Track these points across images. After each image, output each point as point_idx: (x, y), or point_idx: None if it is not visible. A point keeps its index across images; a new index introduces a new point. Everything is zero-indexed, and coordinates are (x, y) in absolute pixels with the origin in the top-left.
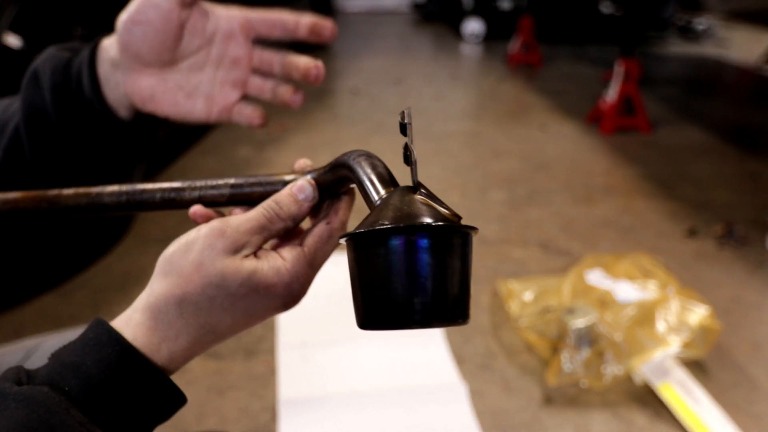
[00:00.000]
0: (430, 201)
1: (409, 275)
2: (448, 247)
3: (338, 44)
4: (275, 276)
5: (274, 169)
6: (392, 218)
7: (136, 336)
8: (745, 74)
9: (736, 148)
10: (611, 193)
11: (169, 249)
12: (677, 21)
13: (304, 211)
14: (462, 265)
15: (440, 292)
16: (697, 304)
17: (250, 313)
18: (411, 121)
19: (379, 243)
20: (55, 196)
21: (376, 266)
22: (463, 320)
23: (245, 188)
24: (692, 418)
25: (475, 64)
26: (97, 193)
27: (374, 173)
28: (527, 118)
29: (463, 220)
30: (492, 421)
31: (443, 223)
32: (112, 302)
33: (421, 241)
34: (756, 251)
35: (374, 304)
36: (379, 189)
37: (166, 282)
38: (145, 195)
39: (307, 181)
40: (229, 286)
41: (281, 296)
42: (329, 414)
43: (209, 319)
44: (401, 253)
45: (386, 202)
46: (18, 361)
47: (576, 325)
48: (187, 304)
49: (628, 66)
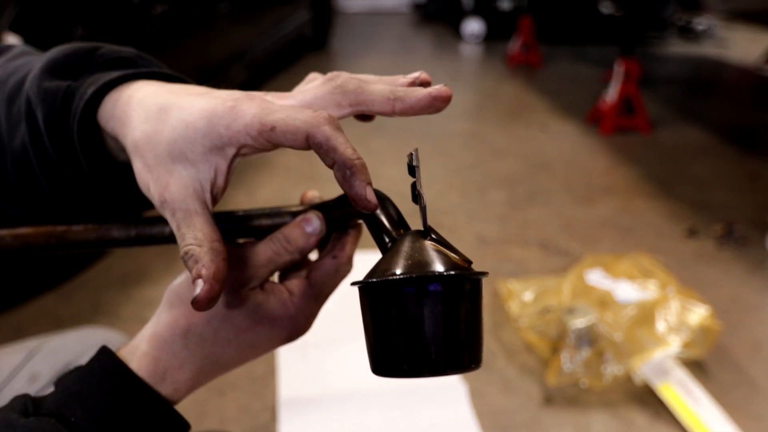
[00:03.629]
0: (440, 247)
1: (421, 324)
2: (459, 295)
3: (338, 44)
4: (280, 309)
5: (274, 168)
6: (404, 267)
7: (141, 366)
8: (745, 74)
9: (736, 148)
10: (611, 193)
11: (176, 280)
12: (677, 21)
13: (311, 244)
14: (473, 311)
15: (453, 339)
16: (697, 304)
17: (254, 345)
18: (419, 163)
19: (392, 293)
20: (64, 231)
21: (388, 315)
22: (476, 366)
23: (253, 221)
24: (692, 418)
25: (475, 64)
26: (107, 228)
27: (384, 214)
28: (527, 118)
29: (464, 221)
30: (492, 421)
31: (455, 271)
32: (112, 302)
33: (433, 291)
34: (756, 251)
35: (387, 351)
36: (390, 231)
37: (173, 313)
38: (155, 229)
39: (316, 214)
40: (234, 319)
41: (286, 329)
42: (329, 414)
43: (214, 350)
44: (414, 303)
45: (397, 248)
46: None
47: (576, 325)
48: (192, 335)
49: (628, 66)
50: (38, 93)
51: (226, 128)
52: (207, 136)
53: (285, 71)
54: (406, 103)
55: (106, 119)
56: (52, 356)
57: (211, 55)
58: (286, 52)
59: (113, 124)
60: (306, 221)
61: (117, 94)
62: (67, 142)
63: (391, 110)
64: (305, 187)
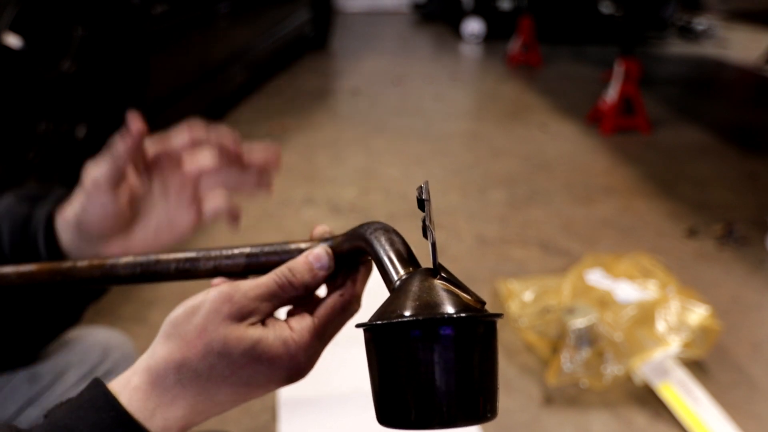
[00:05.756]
0: (451, 287)
1: (431, 372)
2: (472, 339)
3: (338, 44)
4: (281, 347)
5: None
6: (412, 308)
7: (131, 400)
8: (745, 74)
9: (736, 148)
10: (611, 193)
11: (175, 311)
12: (677, 21)
13: (318, 280)
14: (488, 357)
15: (466, 389)
16: (697, 304)
17: (250, 384)
18: (429, 197)
19: (398, 336)
20: (69, 268)
21: (395, 360)
22: (492, 416)
23: (261, 258)
24: (692, 418)
25: (475, 64)
26: (112, 265)
27: (392, 250)
28: (527, 118)
29: (464, 221)
30: (492, 421)
31: (466, 313)
32: (113, 302)
33: (443, 335)
34: (756, 251)
35: (393, 400)
36: (398, 269)
37: (168, 345)
38: (160, 266)
39: (324, 249)
40: (231, 354)
41: (286, 368)
42: (329, 414)
43: (208, 386)
44: (423, 348)
45: (405, 287)
46: None
47: (576, 325)
48: (186, 369)
49: (628, 66)
50: (4, 215)
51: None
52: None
53: (285, 71)
54: None
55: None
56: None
57: (211, 55)
58: (286, 52)
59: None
60: (314, 257)
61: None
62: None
63: None
64: (305, 188)
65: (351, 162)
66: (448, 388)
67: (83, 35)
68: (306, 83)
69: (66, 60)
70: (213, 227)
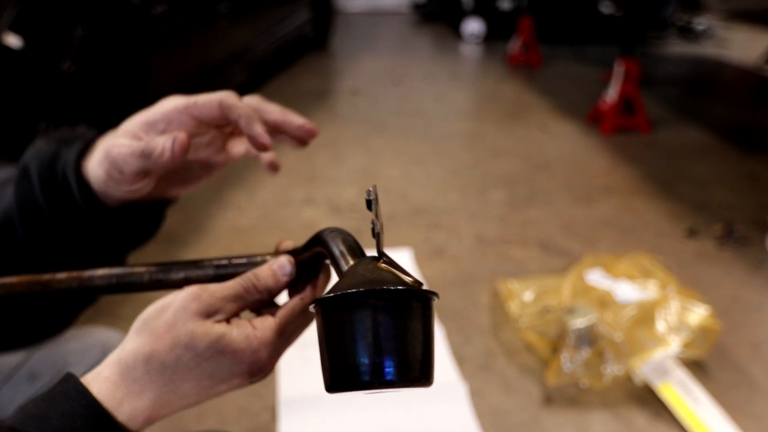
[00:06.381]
0: (392, 269)
1: (372, 338)
2: (409, 310)
3: (338, 44)
4: (243, 342)
5: None
6: (357, 284)
7: (100, 390)
8: (745, 74)
9: (736, 148)
10: (611, 193)
11: (146, 310)
12: (677, 21)
13: (280, 285)
14: (423, 328)
15: (403, 354)
16: (697, 304)
17: (214, 377)
18: (376, 197)
19: (344, 307)
20: (48, 280)
21: (341, 330)
22: (426, 381)
23: (229, 268)
24: (692, 418)
25: (475, 64)
26: (89, 276)
27: (344, 245)
28: (527, 118)
29: (464, 221)
30: (492, 421)
31: (404, 287)
32: (112, 302)
33: (383, 305)
34: (756, 251)
35: (340, 367)
36: (348, 259)
37: (138, 339)
38: (134, 277)
39: (287, 257)
40: (196, 347)
41: (248, 363)
42: (329, 414)
43: (174, 377)
44: (365, 317)
45: (352, 270)
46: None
47: (576, 325)
48: (153, 361)
49: (628, 66)
50: (32, 156)
51: (153, 112)
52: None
53: (285, 71)
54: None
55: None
56: (51, 356)
57: (211, 55)
58: (286, 52)
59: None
60: (277, 264)
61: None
62: (60, 187)
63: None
64: (305, 188)
65: (351, 162)
66: (388, 354)
67: (83, 35)
68: (306, 83)
69: (66, 60)
70: (212, 236)
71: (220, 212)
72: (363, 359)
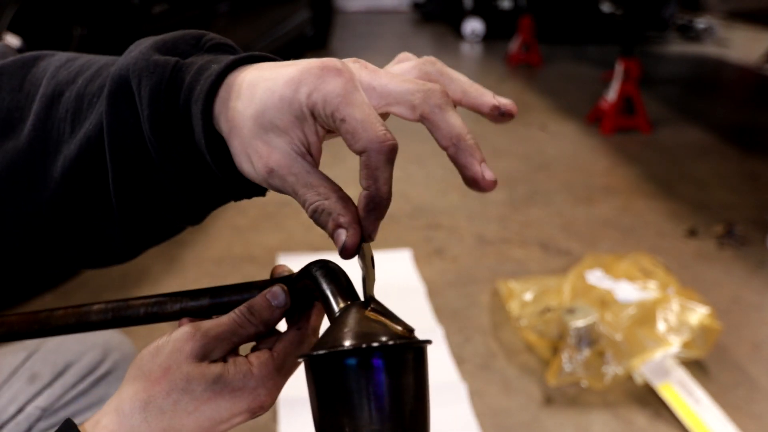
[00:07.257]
0: (381, 317)
1: (363, 395)
2: (401, 364)
3: (338, 43)
4: (241, 381)
5: None
6: (345, 338)
7: None
8: (745, 74)
9: (736, 148)
10: (611, 193)
11: (140, 354)
12: (677, 21)
13: (276, 317)
14: (417, 380)
15: (396, 409)
16: (697, 304)
17: (214, 419)
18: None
19: (332, 365)
20: (46, 317)
21: (331, 386)
22: None
23: (224, 297)
24: (692, 418)
25: (475, 64)
26: (85, 311)
27: (333, 285)
28: (527, 118)
29: (463, 222)
30: (492, 421)
31: (393, 342)
32: None
33: (375, 362)
34: (756, 251)
35: (332, 423)
36: (339, 301)
37: (134, 386)
38: (130, 311)
39: (281, 286)
40: (193, 390)
41: (247, 401)
42: None
43: (173, 422)
44: (355, 375)
45: (341, 319)
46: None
47: (576, 325)
48: (151, 407)
49: (628, 66)
50: (147, 66)
51: (307, 97)
52: (292, 105)
53: None
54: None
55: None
56: (51, 356)
57: None
58: (286, 51)
59: (217, 107)
60: (272, 295)
61: (230, 77)
62: (174, 117)
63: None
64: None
65: (351, 162)
66: (381, 411)
67: (83, 35)
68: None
69: None
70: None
71: (220, 212)
72: (351, 422)
